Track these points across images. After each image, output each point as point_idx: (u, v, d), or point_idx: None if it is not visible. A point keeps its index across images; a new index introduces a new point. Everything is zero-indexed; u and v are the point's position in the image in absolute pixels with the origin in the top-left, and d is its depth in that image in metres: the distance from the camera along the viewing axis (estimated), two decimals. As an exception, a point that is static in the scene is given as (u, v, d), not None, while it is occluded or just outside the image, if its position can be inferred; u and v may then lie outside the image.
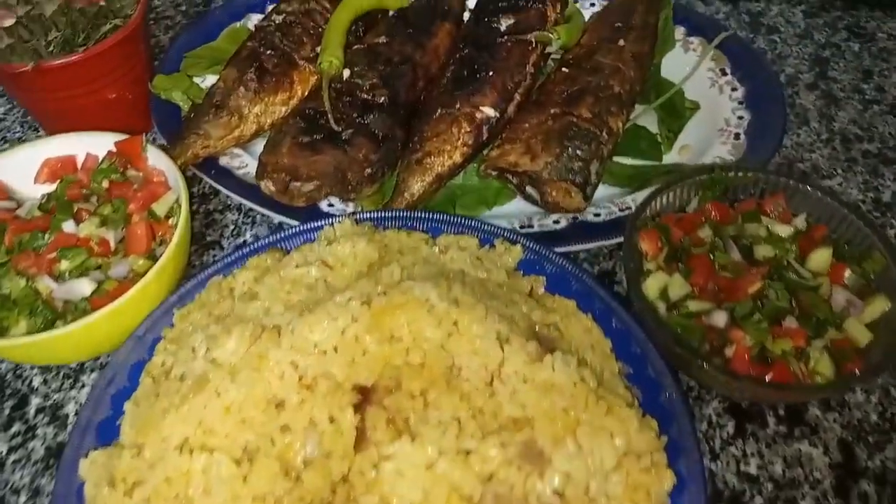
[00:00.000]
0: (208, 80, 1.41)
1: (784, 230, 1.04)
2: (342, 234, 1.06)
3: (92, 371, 1.07)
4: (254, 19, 1.53)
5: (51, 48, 1.16)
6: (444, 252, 1.01)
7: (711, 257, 1.03)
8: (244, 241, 1.24)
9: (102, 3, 1.16)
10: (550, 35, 1.32)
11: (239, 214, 1.28)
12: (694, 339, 0.95)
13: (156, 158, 1.13)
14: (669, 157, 1.31)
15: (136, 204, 1.07)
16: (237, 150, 1.30)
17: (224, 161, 1.28)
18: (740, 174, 1.10)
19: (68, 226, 1.04)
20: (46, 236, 1.03)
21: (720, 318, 0.96)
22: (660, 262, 1.04)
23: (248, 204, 1.19)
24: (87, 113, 1.28)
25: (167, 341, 0.94)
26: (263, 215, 1.26)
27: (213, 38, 1.48)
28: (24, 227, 1.04)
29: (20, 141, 1.42)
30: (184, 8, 1.70)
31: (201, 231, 1.26)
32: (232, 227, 1.26)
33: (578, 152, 1.16)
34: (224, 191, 1.21)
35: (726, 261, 1.02)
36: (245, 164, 1.28)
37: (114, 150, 1.14)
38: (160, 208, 1.07)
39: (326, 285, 0.95)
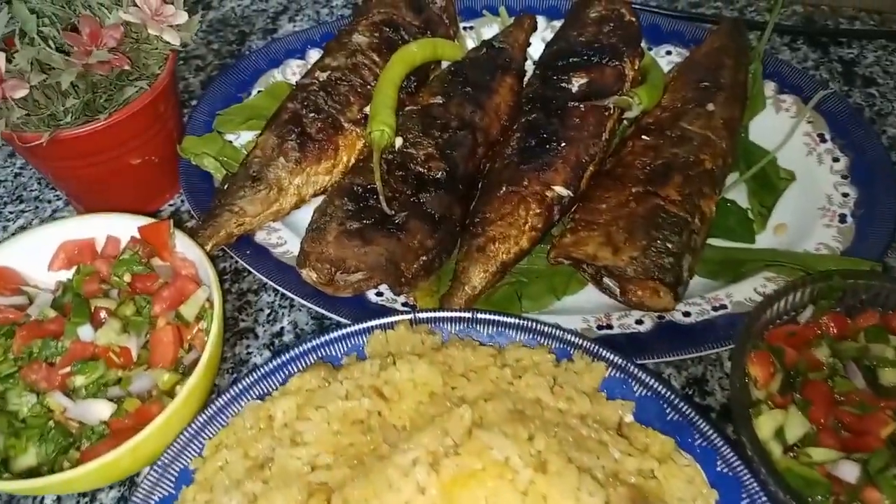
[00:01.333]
0: (242, 138, 1.27)
1: (917, 352, 0.89)
2: (396, 344, 0.92)
3: (111, 489, 0.94)
4: (293, 66, 1.39)
5: (69, 116, 1.02)
6: (518, 376, 0.86)
7: (831, 383, 0.87)
8: (281, 330, 1.10)
9: (127, 68, 1.02)
10: (631, 99, 1.16)
11: (276, 296, 1.14)
12: (819, 495, 0.79)
13: (184, 246, 1.00)
14: (763, 238, 1.15)
15: (162, 305, 0.94)
16: (274, 224, 1.16)
17: (260, 237, 1.14)
18: (863, 282, 0.94)
19: (85, 332, 0.91)
20: (60, 344, 0.90)
21: (850, 472, 0.80)
22: (772, 391, 0.88)
23: (288, 294, 1.05)
24: (110, 179, 1.15)
25: (197, 487, 0.80)
26: (303, 300, 1.12)
27: (248, 86, 1.35)
28: (35, 333, 0.91)
29: (36, 200, 1.30)
30: (216, 47, 1.56)
31: (233, 315, 1.12)
32: (268, 311, 1.13)
33: (668, 245, 1.00)
34: (260, 276, 1.07)
35: (848, 388, 0.86)
36: (283, 240, 1.14)
37: (137, 236, 1.00)
38: (189, 311, 0.94)
39: (382, 422, 0.80)
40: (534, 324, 0.95)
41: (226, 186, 1.11)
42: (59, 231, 1.02)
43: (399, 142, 1.13)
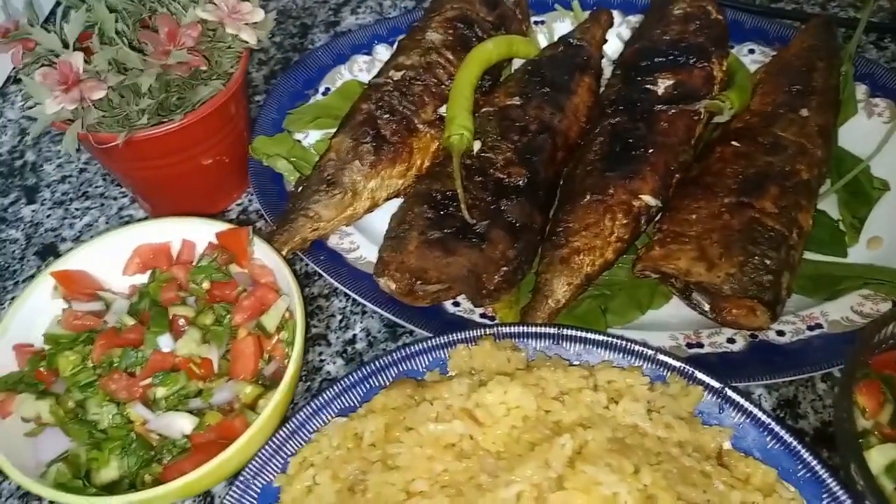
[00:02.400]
0: (311, 137, 1.24)
1: None
2: (481, 360, 0.88)
3: (184, 500, 0.93)
4: (359, 62, 1.35)
5: (144, 117, 1.00)
6: (613, 400, 0.83)
7: (945, 415, 0.83)
8: (353, 337, 1.07)
9: (203, 67, 0.99)
10: (722, 103, 1.10)
11: (347, 302, 1.11)
12: (937, 538, 0.75)
13: (262, 253, 0.97)
14: (856, 252, 1.09)
15: (243, 315, 0.91)
16: (346, 229, 1.13)
17: (333, 242, 1.11)
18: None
19: (164, 342, 0.89)
20: (140, 354, 0.88)
21: (971, 513, 0.76)
22: (881, 422, 0.84)
23: (363, 302, 1.02)
24: (180, 180, 1.13)
25: (284, 509, 0.78)
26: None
27: (315, 83, 1.31)
28: (114, 342, 0.89)
29: (102, 196, 1.28)
30: (278, 40, 1.53)
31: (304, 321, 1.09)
32: (339, 317, 1.10)
33: (767, 261, 0.95)
34: (334, 282, 1.04)
35: (963, 420, 0.82)
36: (355, 244, 1.11)
37: (215, 241, 0.98)
38: (270, 321, 0.91)
39: (475, 448, 0.77)
40: (624, 342, 0.91)
41: (300, 190, 1.09)
42: (133, 235, 1.00)
43: (477, 146, 1.09)
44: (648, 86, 1.13)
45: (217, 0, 1.01)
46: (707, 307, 1.00)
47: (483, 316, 1.03)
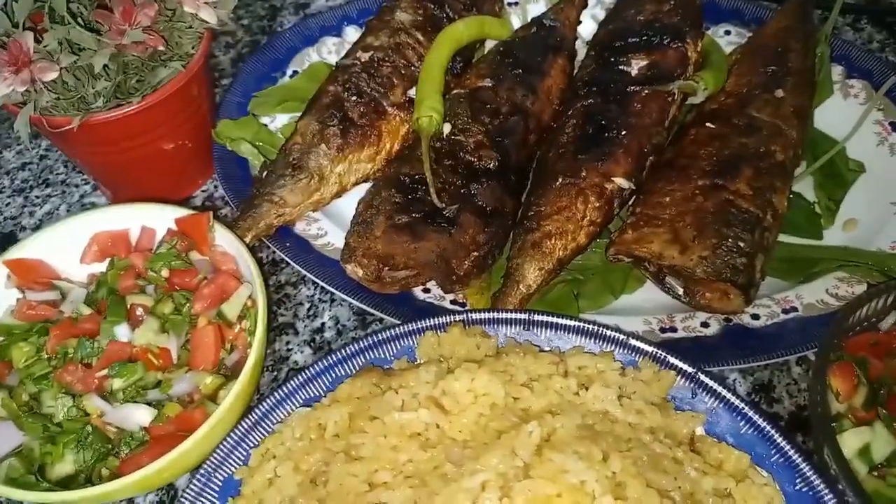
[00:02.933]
0: (278, 121, 1.21)
1: None
2: (450, 347, 0.86)
3: (147, 494, 0.90)
4: (328, 44, 1.31)
5: (100, 100, 0.96)
6: (583, 386, 0.81)
7: (918, 396, 0.82)
8: (322, 326, 1.05)
9: (161, 48, 0.96)
10: (696, 84, 1.08)
11: (315, 290, 1.08)
12: (910, 520, 0.74)
13: (224, 240, 0.94)
14: (831, 234, 1.08)
15: (203, 303, 0.88)
16: (314, 214, 1.10)
17: (299, 228, 1.08)
18: (951, 284, 0.87)
19: (121, 331, 0.86)
20: (96, 344, 0.85)
21: (946, 496, 0.75)
22: (854, 405, 0.82)
23: (331, 290, 1.00)
24: (141, 165, 1.09)
25: (245, 502, 0.75)
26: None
27: (283, 66, 1.28)
28: (70, 332, 0.86)
29: (63, 184, 1.24)
30: (246, 22, 1.49)
31: (272, 309, 1.07)
32: (308, 305, 1.07)
33: (740, 243, 0.94)
34: (301, 270, 1.02)
35: (938, 402, 0.81)
36: (323, 231, 1.08)
37: (174, 227, 0.95)
38: (231, 309, 0.88)
39: (442, 437, 0.75)
40: (596, 327, 0.89)
41: (264, 175, 1.06)
42: (91, 222, 0.96)
43: (447, 128, 1.06)
44: (622, 66, 1.11)
45: (175, -23, 0.97)
46: (681, 291, 0.98)
47: (454, 302, 1.01)
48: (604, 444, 0.72)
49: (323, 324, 1.05)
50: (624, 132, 1.04)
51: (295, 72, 1.28)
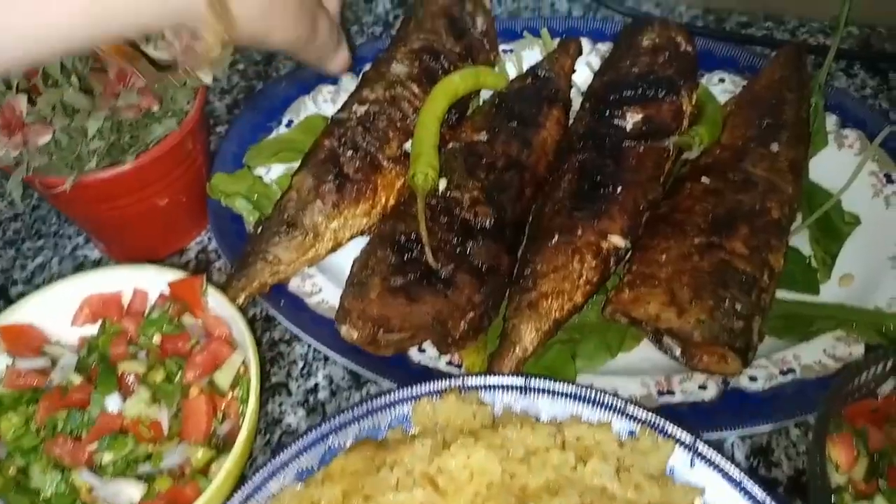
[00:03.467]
0: (273, 172, 1.20)
1: None
2: (445, 416, 0.85)
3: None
4: (324, 92, 1.31)
5: (94, 159, 0.96)
6: (581, 459, 0.80)
7: (919, 467, 0.81)
8: (315, 386, 1.03)
9: (156, 109, 0.95)
10: (692, 140, 1.08)
11: (309, 347, 1.07)
12: None
13: (217, 303, 0.93)
14: (827, 289, 1.08)
15: (195, 371, 0.87)
16: (308, 270, 1.09)
17: (293, 285, 1.07)
18: (950, 350, 0.87)
19: (112, 402, 0.85)
20: (86, 415, 0.84)
21: (948, 575, 0.74)
22: (855, 478, 0.81)
23: (325, 351, 0.99)
24: (136, 221, 1.08)
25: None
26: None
27: (278, 115, 1.27)
28: (59, 403, 0.85)
29: (56, 235, 1.23)
30: (241, 67, 1.49)
31: (264, 369, 1.05)
32: (301, 363, 1.06)
33: (737, 306, 0.93)
34: (295, 330, 1.01)
35: (938, 472, 0.80)
36: (318, 287, 1.07)
37: (166, 292, 0.94)
38: (224, 378, 0.87)
39: (438, 517, 0.74)
40: (594, 394, 0.88)
41: (258, 231, 1.05)
42: (83, 284, 0.95)
43: (443, 184, 1.06)
44: (617, 121, 1.11)
45: (170, 37, 0.97)
46: (678, 352, 0.97)
47: (449, 363, 1.00)
48: (602, 527, 0.71)
49: (317, 384, 1.04)
50: (619, 188, 1.04)
51: (290, 121, 1.27)
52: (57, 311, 0.95)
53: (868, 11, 1.45)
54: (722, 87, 1.30)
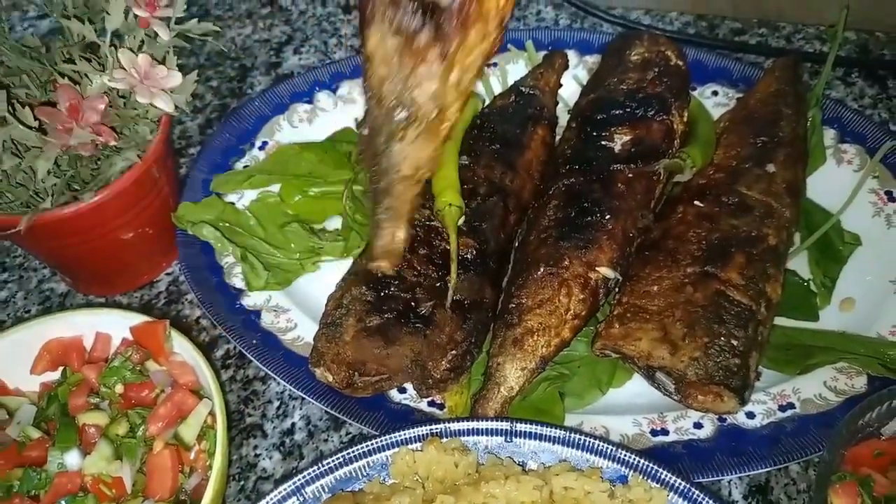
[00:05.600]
0: (246, 197, 1.15)
1: None
2: (426, 467, 0.80)
3: None
4: (300, 112, 1.26)
5: (49, 198, 0.90)
6: (570, 514, 0.75)
7: (925, 514, 0.76)
8: (292, 427, 0.98)
9: (114, 144, 0.90)
10: (683, 163, 1.03)
11: (285, 386, 1.02)
12: None
13: (182, 349, 0.88)
14: (828, 315, 1.03)
15: (159, 424, 0.82)
16: (283, 304, 1.04)
17: (267, 320, 1.02)
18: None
19: (71, 459, 0.80)
20: (44, 474, 0.79)
21: None
22: (859, 528, 0.77)
23: (300, 394, 0.94)
24: (100, 255, 1.04)
25: None
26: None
27: (252, 136, 1.22)
28: (15, 461, 0.80)
29: (20, 268, 1.17)
30: (214, 84, 1.43)
31: (239, 409, 1.00)
32: (277, 403, 1.01)
33: (733, 342, 0.88)
34: (268, 372, 0.96)
35: (946, 519, 0.76)
36: (292, 322, 1.02)
37: (129, 337, 0.88)
38: (189, 431, 0.82)
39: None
40: (583, 438, 0.83)
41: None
42: (42, 329, 0.90)
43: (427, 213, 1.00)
44: (604, 142, 1.05)
45: (127, 65, 0.91)
46: (671, 388, 0.92)
47: (431, 404, 0.95)
48: None
49: (293, 424, 0.99)
50: (608, 216, 0.98)
51: (265, 143, 1.22)
52: (15, 358, 0.89)
53: (866, 15, 1.41)
54: (715, 100, 1.24)
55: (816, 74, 1.30)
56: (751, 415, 0.92)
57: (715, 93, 1.25)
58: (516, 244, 1.05)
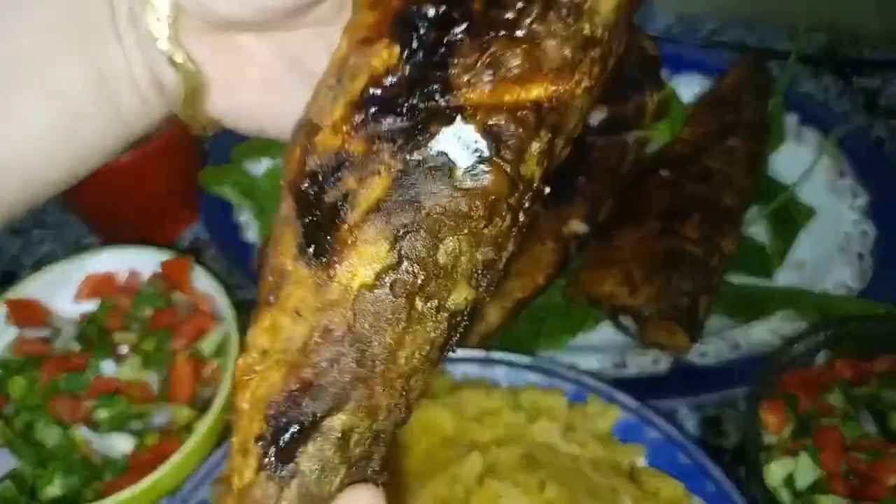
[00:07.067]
0: (262, 166, 1.29)
1: (931, 399, 0.88)
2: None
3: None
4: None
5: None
6: (531, 420, 0.87)
7: (843, 429, 0.87)
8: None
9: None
10: (650, 136, 1.16)
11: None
12: (829, 545, 0.79)
13: (204, 282, 1.01)
14: (783, 274, 1.14)
15: (181, 340, 0.96)
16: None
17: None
18: (878, 326, 0.94)
19: (107, 366, 0.93)
20: (84, 377, 0.92)
21: (860, 521, 0.80)
22: (784, 438, 0.88)
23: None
24: (132, 210, 1.18)
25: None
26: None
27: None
28: (60, 366, 0.94)
29: (58, 226, 1.32)
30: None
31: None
32: (286, 341, 1.14)
33: (686, 285, 1.00)
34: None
35: (860, 434, 0.87)
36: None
37: (159, 269, 1.02)
38: (207, 346, 0.95)
39: (398, 467, 0.81)
40: (548, 365, 0.95)
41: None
42: (83, 264, 1.04)
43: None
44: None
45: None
46: (633, 329, 1.04)
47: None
48: (542, 474, 0.78)
49: (299, 359, 1.12)
50: (581, 178, 1.11)
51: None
52: (60, 288, 1.04)
53: (834, 17, 1.53)
54: (690, 89, 1.37)
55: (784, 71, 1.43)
56: (703, 354, 1.03)
57: (690, 82, 1.38)
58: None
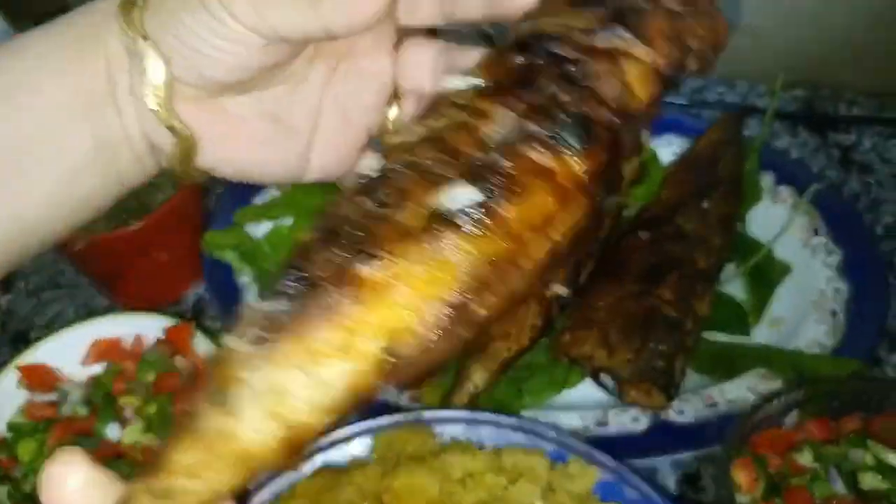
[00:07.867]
0: (263, 228, 1.35)
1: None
2: (401, 445, 0.97)
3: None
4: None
5: (102, 221, 1.11)
6: (513, 481, 0.91)
7: (812, 489, 0.91)
8: (295, 419, 1.16)
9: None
10: (626, 202, 1.22)
11: (291, 385, 1.20)
12: None
13: (204, 347, 1.07)
14: (759, 332, 1.19)
15: (184, 405, 1.01)
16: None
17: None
18: (848, 385, 0.98)
19: (112, 430, 0.99)
20: (89, 441, 0.98)
21: (830, 583, 0.84)
22: (756, 497, 0.92)
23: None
24: (138, 274, 1.24)
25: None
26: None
27: (270, 177, 1.42)
28: (67, 430, 0.99)
29: (70, 286, 1.38)
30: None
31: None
32: (283, 399, 1.19)
33: (662, 347, 1.05)
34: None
35: (829, 494, 0.91)
36: (298, 331, 1.21)
37: (163, 336, 1.08)
38: (208, 410, 1.00)
39: (383, 529, 0.86)
40: (531, 425, 1.00)
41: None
42: (91, 330, 1.10)
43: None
44: (564, 182, 1.25)
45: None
46: (612, 387, 1.09)
47: (411, 399, 1.12)
48: (521, 537, 0.82)
49: (296, 417, 1.17)
50: (563, 243, 1.17)
51: (281, 185, 1.42)
52: (68, 352, 1.09)
53: (812, 74, 1.60)
54: (670, 149, 1.43)
55: (761, 129, 1.48)
56: (681, 412, 1.07)
57: (670, 143, 1.44)
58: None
